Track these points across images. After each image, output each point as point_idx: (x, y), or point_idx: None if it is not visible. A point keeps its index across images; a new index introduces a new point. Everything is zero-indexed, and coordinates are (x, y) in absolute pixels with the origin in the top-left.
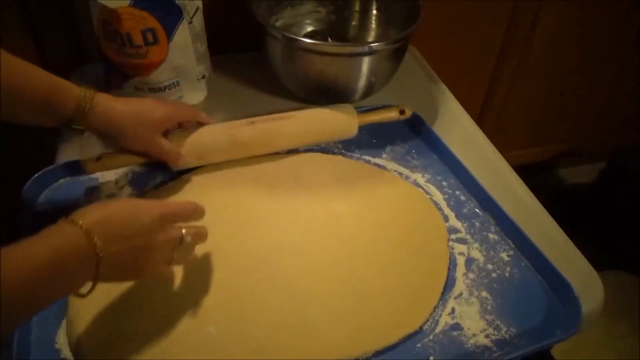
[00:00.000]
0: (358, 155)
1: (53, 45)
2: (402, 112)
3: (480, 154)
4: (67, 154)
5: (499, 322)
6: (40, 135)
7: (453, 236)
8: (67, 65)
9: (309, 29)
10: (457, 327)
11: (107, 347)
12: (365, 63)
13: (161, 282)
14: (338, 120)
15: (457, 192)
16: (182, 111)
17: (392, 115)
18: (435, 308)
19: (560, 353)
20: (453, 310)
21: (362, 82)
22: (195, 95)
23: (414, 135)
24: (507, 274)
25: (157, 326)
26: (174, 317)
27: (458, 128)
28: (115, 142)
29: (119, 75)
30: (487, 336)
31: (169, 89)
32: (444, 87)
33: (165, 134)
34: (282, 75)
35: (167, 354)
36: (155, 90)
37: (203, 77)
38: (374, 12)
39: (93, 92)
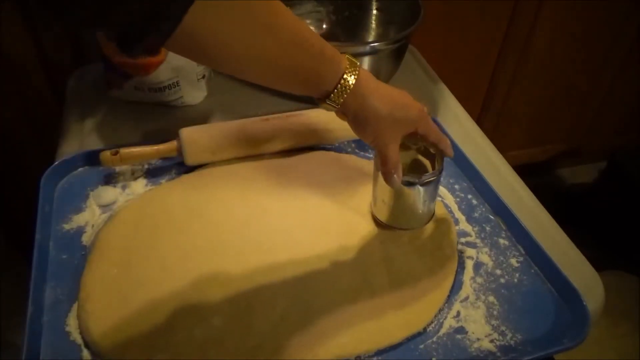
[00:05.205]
0: (371, 155)
1: (53, 45)
2: None
3: (480, 154)
4: (68, 149)
5: (504, 328)
6: (40, 132)
7: (462, 239)
8: (67, 65)
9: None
10: (461, 330)
11: (114, 333)
12: (366, 63)
13: (170, 273)
14: None
15: (469, 196)
16: (429, 122)
17: None
18: (440, 310)
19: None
20: (458, 313)
21: None
22: (195, 95)
23: None
24: (515, 280)
25: (164, 315)
26: (181, 307)
27: (458, 128)
28: (355, 124)
29: (119, 75)
30: (491, 341)
31: (169, 89)
32: (444, 87)
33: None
34: None
35: (171, 343)
36: (155, 90)
37: (203, 77)
38: (374, 11)
39: (358, 69)
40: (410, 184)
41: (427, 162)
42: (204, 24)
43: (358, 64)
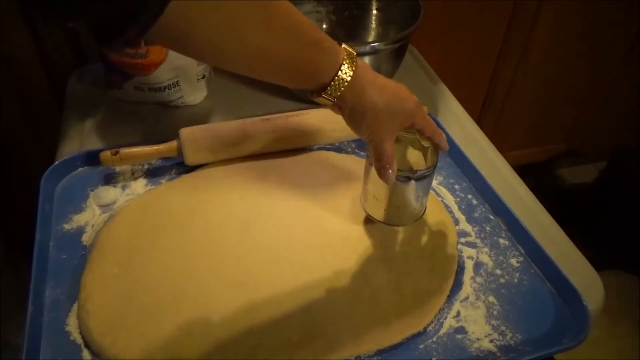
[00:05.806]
0: None
1: (53, 45)
2: None
3: (480, 154)
4: (68, 149)
5: (504, 328)
6: (40, 132)
7: (462, 239)
8: (67, 65)
9: None
10: (461, 330)
11: (115, 333)
12: (366, 62)
13: (170, 273)
14: None
15: (470, 196)
16: (425, 116)
17: None
18: (440, 310)
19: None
20: (458, 313)
21: None
22: (195, 95)
23: None
24: (515, 280)
25: (164, 314)
26: (181, 306)
27: (458, 128)
28: (351, 118)
29: (119, 75)
30: (491, 341)
31: (169, 89)
32: (444, 87)
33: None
34: None
35: (171, 342)
36: (155, 90)
37: (203, 77)
38: (374, 11)
39: (355, 61)
40: (404, 179)
41: (419, 154)
42: (189, 15)
43: (355, 54)
